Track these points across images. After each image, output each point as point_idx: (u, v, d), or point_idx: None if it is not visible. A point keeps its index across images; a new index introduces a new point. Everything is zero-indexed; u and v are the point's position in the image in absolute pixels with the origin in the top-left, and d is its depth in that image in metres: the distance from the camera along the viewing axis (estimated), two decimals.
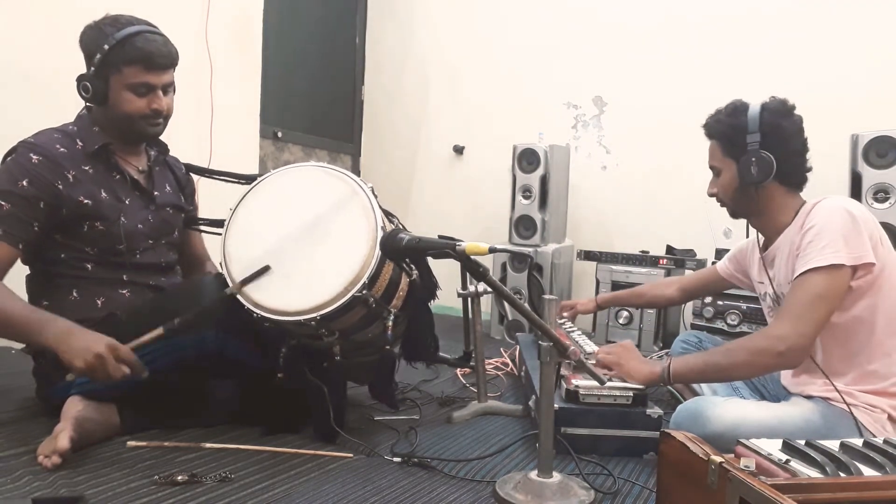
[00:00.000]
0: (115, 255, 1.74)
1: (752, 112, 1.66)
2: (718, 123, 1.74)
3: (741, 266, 1.99)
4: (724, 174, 1.74)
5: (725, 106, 1.75)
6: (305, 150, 4.08)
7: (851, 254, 1.51)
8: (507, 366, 2.67)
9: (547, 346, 1.39)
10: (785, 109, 1.67)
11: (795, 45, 3.23)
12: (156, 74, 1.70)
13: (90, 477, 1.38)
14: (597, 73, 3.74)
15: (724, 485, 0.95)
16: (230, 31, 3.16)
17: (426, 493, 1.42)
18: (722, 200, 1.79)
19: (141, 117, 1.72)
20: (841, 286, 1.52)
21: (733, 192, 1.73)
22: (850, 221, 1.53)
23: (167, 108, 1.76)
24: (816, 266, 1.52)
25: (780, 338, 1.53)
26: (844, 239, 1.52)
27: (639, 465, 1.64)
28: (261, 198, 1.72)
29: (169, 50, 1.71)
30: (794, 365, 1.65)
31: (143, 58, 1.66)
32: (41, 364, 1.74)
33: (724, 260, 2.09)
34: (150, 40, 1.67)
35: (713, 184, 1.81)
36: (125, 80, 1.68)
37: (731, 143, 1.70)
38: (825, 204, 1.61)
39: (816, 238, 1.55)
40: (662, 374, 1.67)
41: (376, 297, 1.61)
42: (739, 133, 1.67)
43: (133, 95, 1.69)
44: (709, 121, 1.78)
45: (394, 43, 4.39)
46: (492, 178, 3.93)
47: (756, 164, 1.64)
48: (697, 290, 2.28)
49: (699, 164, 3.43)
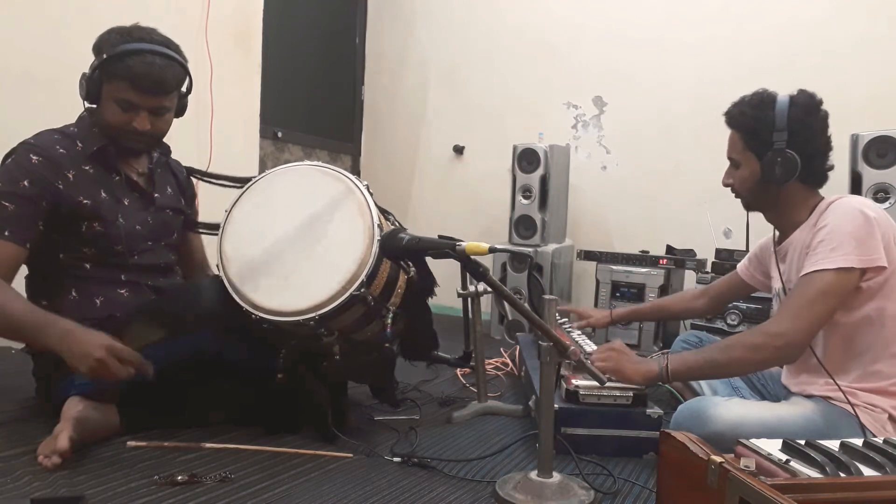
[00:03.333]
0: (114, 256, 1.74)
1: (780, 107, 1.58)
2: (743, 115, 1.65)
3: (762, 264, 1.92)
4: (743, 167, 1.67)
5: (751, 95, 1.66)
6: (305, 150, 4.08)
7: (862, 256, 1.49)
8: (507, 366, 2.67)
9: (547, 346, 1.39)
10: (813, 105, 1.60)
11: (795, 45, 3.23)
12: (142, 96, 1.68)
13: (90, 477, 1.38)
14: (597, 73, 3.75)
15: (724, 485, 0.95)
16: (230, 31, 3.16)
17: (426, 493, 1.42)
18: (737, 192, 1.73)
19: (120, 130, 1.71)
20: (846, 287, 1.51)
21: (751, 186, 1.67)
22: (864, 223, 1.50)
23: (155, 129, 1.73)
24: (824, 268, 1.51)
25: (778, 334, 1.52)
26: (856, 241, 1.49)
27: (639, 465, 1.64)
28: (256, 198, 1.72)
29: (163, 76, 1.68)
30: (791, 361, 1.64)
31: (130, 77, 1.65)
32: (41, 364, 1.74)
33: (744, 260, 2.02)
34: (146, 62, 1.65)
35: (730, 174, 1.73)
36: (113, 92, 1.68)
37: (754, 137, 1.63)
38: (841, 203, 1.58)
39: (828, 238, 1.52)
40: (660, 373, 1.66)
41: (374, 296, 1.61)
42: (765, 128, 1.59)
43: (118, 108, 1.69)
44: (732, 110, 1.68)
45: (394, 43, 4.39)
46: (492, 178, 3.93)
47: (781, 165, 1.58)
48: (725, 296, 2.13)
49: (699, 164, 3.48)
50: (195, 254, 2.08)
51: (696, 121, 3.49)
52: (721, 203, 3.30)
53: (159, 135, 1.79)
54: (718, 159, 3.58)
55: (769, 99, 1.62)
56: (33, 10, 2.44)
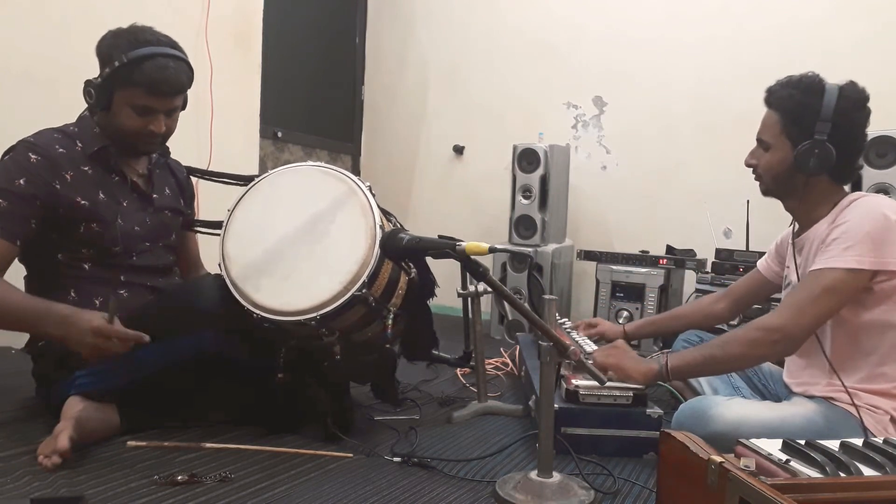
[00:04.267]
0: (112, 257, 1.74)
1: (829, 96, 1.52)
2: (790, 98, 1.57)
3: (780, 257, 1.87)
4: (774, 152, 1.61)
5: (799, 78, 1.59)
6: (305, 150, 4.08)
7: (875, 259, 1.47)
8: (507, 366, 2.67)
9: (547, 346, 1.39)
10: (861, 100, 1.55)
11: (795, 45, 3.23)
12: (159, 100, 1.69)
13: (90, 477, 1.38)
14: (597, 73, 3.75)
15: (724, 485, 0.95)
16: (230, 30, 3.16)
17: (426, 493, 1.42)
18: (760, 176, 1.68)
19: (136, 135, 1.72)
20: (854, 288, 1.49)
21: (778, 173, 1.62)
22: (884, 225, 1.48)
23: (168, 129, 1.75)
24: (834, 266, 1.49)
25: (775, 328, 1.52)
26: (873, 242, 1.47)
27: (639, 465, 1.64)
28: (258, 198, 1.72)
29: (179, 78, 1.69)
30: (787, 354, 1.63)
31: (149, 83, 1.65)
32: (41, 364, 1.74)
33: (765, 256, 1.95)
34: (161, 66, 1.65)
35: (756, 155, 1.67)
36: (128, 98, 1.67)
37: (796, 123, 1.56)
38: (862, 202, 1.54)
39: (843, 236, 1.50)
40: (660, 371, 1.66)
41: (376, 296, 1.61)
42: (810, 115, 1.53)
43: (133, 113, 1.69)
44: (779, 91, 1.61)
45: (394, 43, 4.39)
46: (492, 178, 3.93)
47: (817, 157, 1.52)
48: (746, 298, 2.02)
49: (699, 164, 3.48)
50: (191, 254, 2.08)
51: (696, 121, 3.49)
52: (721, 203, 3.33)
53: (170, 134, 1.79)
54: (718, 159, 3.59)
55: (818, 86, 1.55)
56: (33, 10, 2.44)
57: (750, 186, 1.78)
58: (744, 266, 2.79)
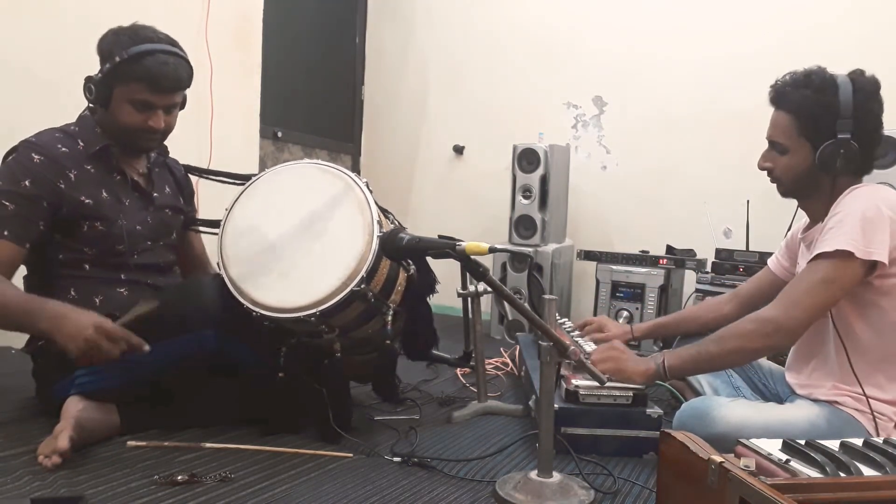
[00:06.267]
0: (114, 256, 1.74)
1: (845, 92, 1.47)
2: (804, 99, 1.52)
3: (791, 252, 1.83)
4: (793, 154, 1.56)
5: (806, 74, 1.54)
6: (305, 150, 4.08)
7: (863, 247, 1.43)
8: (507, 366, 2.67)
9: (547, 346, 1.39)
10: (875, 90, 1.50)
11: (795, 45, 3.22)
12: (159, 96, 1.70)
13: (90, 477, 1.38)
14: (597, 73, 3.74)
15: (724, 484, 0.95)
16: (230, 31, 3.16)
17: (426, 493, 1.42)
18: (778, 179, 1.62)
19: (136, 131, 1.72)
20: (848, 276, 1.46)
21: (800, 175, 1.57)
22: (875, 215, 1.44)
23: (167, 126, 1.76)
24: (825, 251, 1.46)
25: (769, 320, 1.50)
26: (862, 230, 1.44)
27: (639, 465, 1.64)
28: (256, 196, 1.72)
29: (179, 74, 1.71)
30: (783, 348, 1.61)
31: (149, 79, 1.66)
32: (41, 364, 1.74)
33: (775, 254, 1.90)
34: (161, 62, 1.66)
35: (770, 158, 1.62)
36: (128, 94, 1.68)
37: (814, 123, 1.51)
38: (860, 192, 1.51)
39: (837, 225, 1.47)
40: (658, 370, 1.65)
41: (375, 292, 1.61)
42: (829, 115, 1.48)
43: (133, 109, 1.70)
44: (787, 90, 1.56)
45: (394, 43, 4.39)
46: (492, 178, 3.93)
47: (843, 157, 1.47)
48: (756, 297, 1.93)
49: (699, 164, 3.48)
50: (195, 251, 2.08)
51: (696, 121, 3.49)
52: (721, 203, 3.33)
53: (170, 131, 1.80)
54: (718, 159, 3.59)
55: (830, 82, 1.50)
56: (33, 10, 2.44)
57: (750, 186, 1.78)
58: (744, 266, 2.79)
